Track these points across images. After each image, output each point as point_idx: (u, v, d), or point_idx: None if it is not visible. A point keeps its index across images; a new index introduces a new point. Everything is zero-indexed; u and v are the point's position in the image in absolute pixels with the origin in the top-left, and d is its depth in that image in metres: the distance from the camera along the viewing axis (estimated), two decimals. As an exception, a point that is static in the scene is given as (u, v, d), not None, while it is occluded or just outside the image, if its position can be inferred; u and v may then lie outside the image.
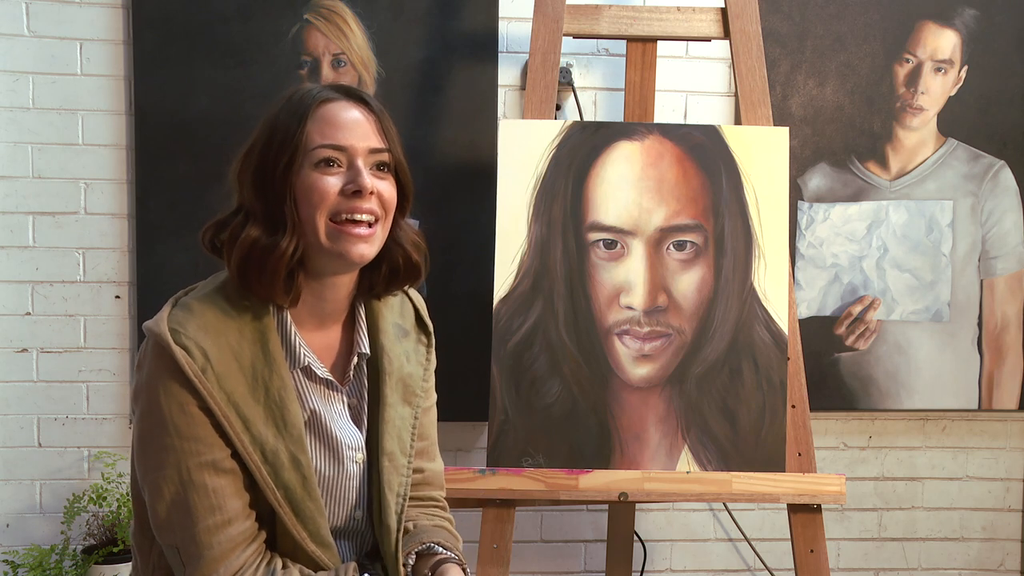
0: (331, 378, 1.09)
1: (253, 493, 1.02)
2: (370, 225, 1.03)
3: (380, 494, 1.12)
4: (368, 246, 1.03)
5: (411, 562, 1.15)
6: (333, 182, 1.01)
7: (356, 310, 1.14)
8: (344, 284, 1.09)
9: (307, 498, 1.02)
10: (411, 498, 1.21)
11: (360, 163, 1.02)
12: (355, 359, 1.13)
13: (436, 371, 1.25)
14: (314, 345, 1.09)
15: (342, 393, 1.12)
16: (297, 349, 1.06)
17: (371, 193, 1.02)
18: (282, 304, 1.04)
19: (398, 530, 1.12)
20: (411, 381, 1.17)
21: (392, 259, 1.11)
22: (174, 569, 1.03)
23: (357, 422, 1.14)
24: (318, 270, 1.06)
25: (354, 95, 1.06)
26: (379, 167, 1.05)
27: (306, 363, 1.06)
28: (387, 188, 1.05)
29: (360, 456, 1.12)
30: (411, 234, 1.13)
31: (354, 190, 1.01)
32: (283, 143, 1.01)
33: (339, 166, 1.02)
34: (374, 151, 1.04)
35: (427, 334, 1.24)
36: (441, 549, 1.16)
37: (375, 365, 1.14)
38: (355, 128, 1.03)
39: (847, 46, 2.17)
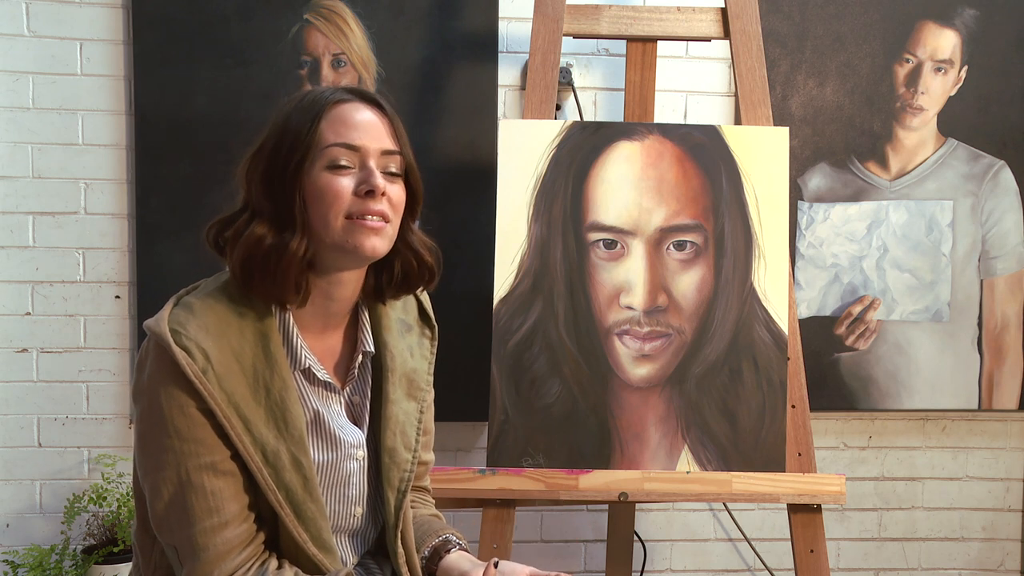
0: (331, 380, 1.10)
1: (254, 495, 1.02)
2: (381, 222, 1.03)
3: (380, 490, 1.13)
4: (380, 240, 1.03)
5: (427, 553, 1.18)
6: (346, 183, 1.01)
7: (359, 310, 1.15)
8: (352, 282, 1.09)
9: (308, 499, 1.02)
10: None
11: (372, 164, 1.02)
12: (359, 358, 1.13)
13: (436, 371, 1.25)
14: (316, 348, 1.09)
15: (340, 394, 1.12)
16: (298, 351, 1.06)
17: (382, 194, 1.02)
18: (291, 304, 1.04)
19: (396, 525, 1.13)
20: (415, 376, 1.18)
21: (405, 261, 1.11)
22: (173, 568, 1.03)
23: (356, 420, 1.14)
24: (327, 266, 1.05)
25: (368, 97, 1.07)
26: (390, 169, 1.05)
27: (307, 365, 1.06)
28: (396, 191, 1.05)
29: (361, 453, 1.12)
30: (422, 237, 1.15)
31: (367, 190, 1.01)
32: (295, 142, 1.01)
33: (351, 167, 1.02)
34: (386, 153, 1.04)
35: (431, 327, 1.25)
36: (455, 539, 1.21)
37: (378, 362, 1.15)
38: (368, 129, 1.03)
39: (847, 46, 2.17)
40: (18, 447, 2.10)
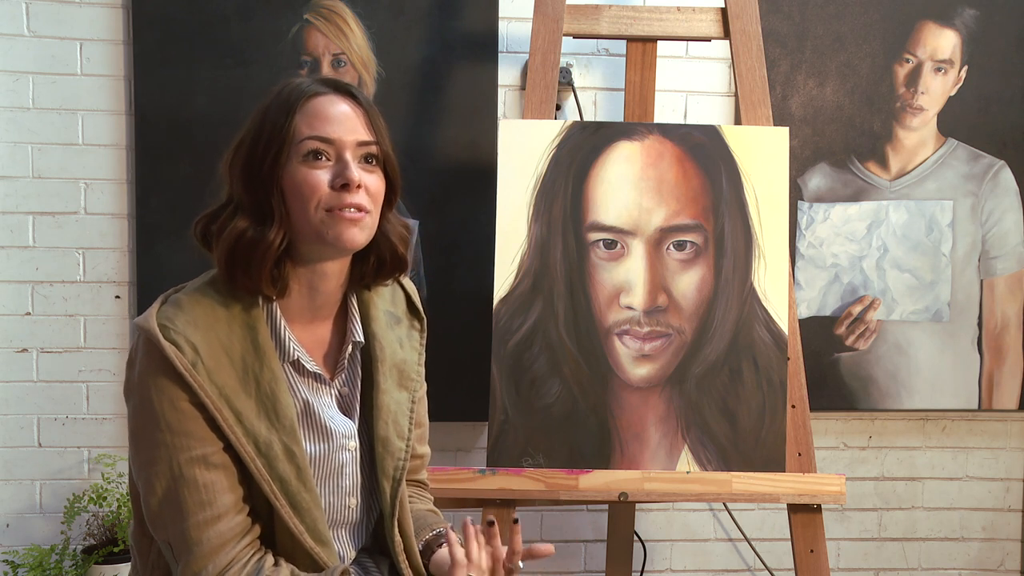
0: (320, 371, 1.10)
1: (248, 487, 1.02)
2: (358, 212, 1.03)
3: (376, 480, 1.13)
4: (360, 231, 1.03)
5: (420, 548, 1.18)
6: (322, 176, 1.02)
7: (348, 301, 1.15)
8: (336, 273, 1.09)
9: (303, 489, 1.02)
10: (407, 482, 1.24)
11: (348, 156, 1.03)
12: (348, 348, 1.13)
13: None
14: (305, 340, 1.09)
15: (330, 385, 1.12)
16: (287, 343, 1.06)
17: (358, 186, 1.02)
18: (269, 295, 1.04)
19: (393, 515, 1.13)
20: (405, 367, 1.18)
21: (379, 251, 1.11)
22: (170, 566, 1.03)
23: (347, 411, 1.14)
24: (309, 258, 1.06)
25: (342, 89, 1.07)
26: (367, 160, 1.06)
27: (295, 357, 1.07)
28: (375, 181, 1.06)
29: (353, 444, 1.12)
30: (398, 227, 1.14)
31: (342, 183, 1.01)
32: (271, 136, 1.02)
33: (327, 159, 1.03)
34: (362, 144, 1.05)
35: (419, 319, 1.25)
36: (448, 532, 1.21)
37: (367, 353, 1.15)
38: (343, 121, 1.04)
39: (847, 46, 2.17)
40: (18, 447, 2.10)
